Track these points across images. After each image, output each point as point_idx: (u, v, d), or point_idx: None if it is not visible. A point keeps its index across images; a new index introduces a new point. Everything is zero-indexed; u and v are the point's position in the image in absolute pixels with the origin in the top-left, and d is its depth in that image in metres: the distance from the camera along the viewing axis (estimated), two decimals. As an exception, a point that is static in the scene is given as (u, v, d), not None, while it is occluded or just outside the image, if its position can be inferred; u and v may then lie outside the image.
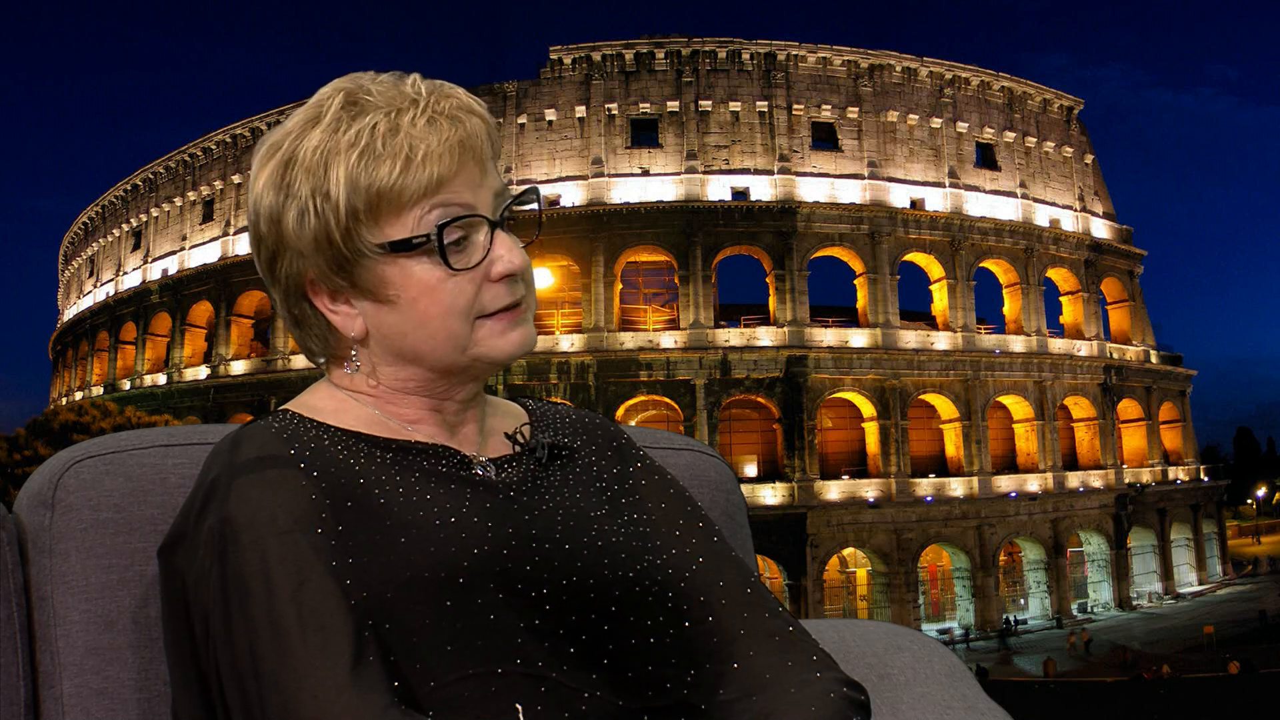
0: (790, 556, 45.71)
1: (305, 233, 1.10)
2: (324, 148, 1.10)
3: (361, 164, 1.08)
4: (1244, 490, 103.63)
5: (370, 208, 1.09)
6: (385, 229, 1.10)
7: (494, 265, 1.13)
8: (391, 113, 1.10)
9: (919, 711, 1.45)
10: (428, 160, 1.09)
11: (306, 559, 1.01)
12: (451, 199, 1.11)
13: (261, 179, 1.13)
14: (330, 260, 1.11)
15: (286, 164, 1.11)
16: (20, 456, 29.80)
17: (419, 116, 1.11)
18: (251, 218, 1.15)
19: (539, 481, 1.19)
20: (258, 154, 1.15)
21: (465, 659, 1.02)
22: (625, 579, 1.11)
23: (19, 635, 1.22)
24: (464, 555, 1.05)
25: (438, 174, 1.10)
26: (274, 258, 1.14)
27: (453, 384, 1.18)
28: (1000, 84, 55.82)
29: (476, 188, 1.13)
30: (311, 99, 1.15)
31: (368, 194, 1.08)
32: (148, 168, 63.43)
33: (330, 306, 1.14)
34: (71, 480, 1.26)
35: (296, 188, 1.10)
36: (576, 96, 51.15)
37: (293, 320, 1.18)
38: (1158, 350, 59.76)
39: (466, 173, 1.12)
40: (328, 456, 1.11)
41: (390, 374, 1.17)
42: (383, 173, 1.08)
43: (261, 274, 1.18)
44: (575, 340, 48.52)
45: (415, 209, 1.10)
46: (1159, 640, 43.62)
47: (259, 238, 1.15)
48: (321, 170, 1.09)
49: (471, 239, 1.13)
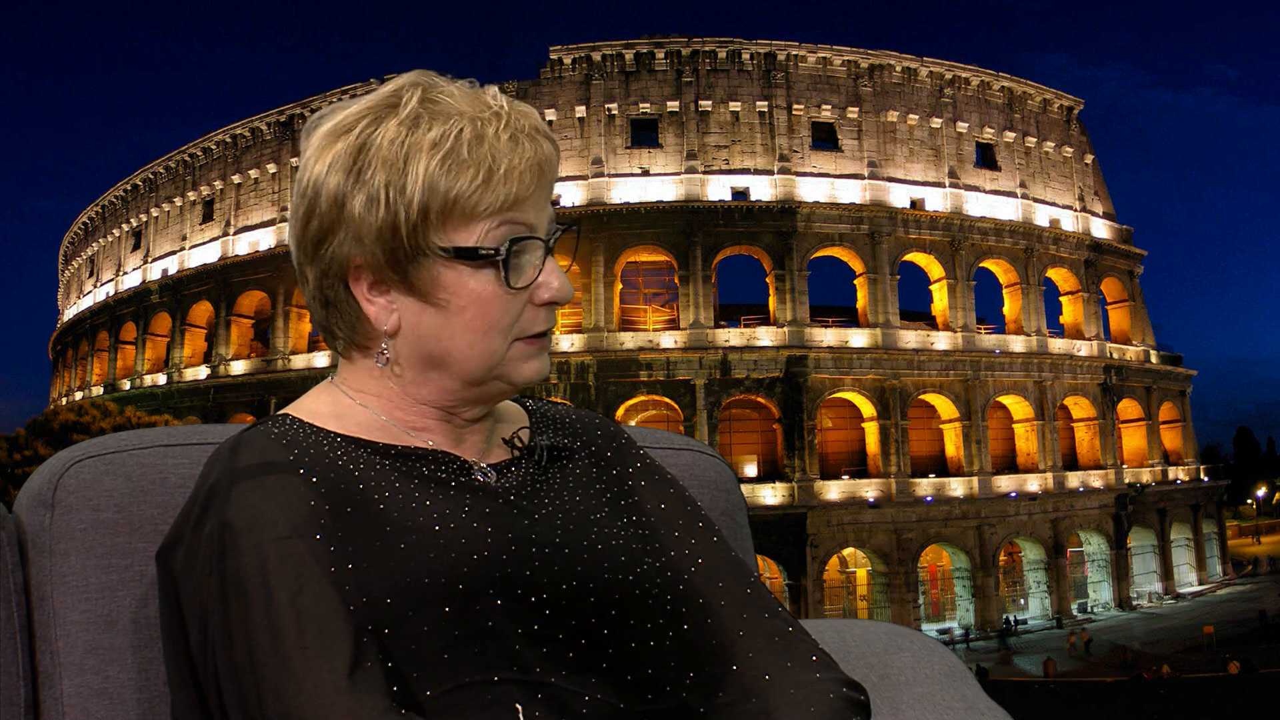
0: (790, 556, 45.71)
1: (371, 221, 1.09)
2: (404, 141, 1.09)
3: (444, 167, 1.08)
4: (1244, 490, 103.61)
5: (444, 211, 1.09)
6: (451, 234, 1.10)
7: (541, 290, 1.14)
8: (476, 121, 1.11)
9: (919, 711, 1.45)
10: (508, 177, 1.10)
11: (305, 564, 1.01)
12: (519, 218, 1.12)
13: (326, 158, 1.11)
14: (389, 252, 1.10)
15: (360, 149, 1.10)
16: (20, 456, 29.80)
17: (502, 130, 1.11)
18: (308, 194, 1.13)
19: (539, 485, 1.19)
20: (318, 131, 1.14)
21: (462, 667, 1.02)
22: (625, 582, 1.11)
23: (19, 635, 1.22)
24: (464, 561, 1.05)
25: (515, 192, 1.11)
26: (324, 237, 1.12)
27: (468, 400, 1.17)
28: (1000, 84, 55.82)
29: (540, 211, 1.14)
30: (385, 88, 1.13)
31: (445, 198, 1.09)
32: (148, 168, 63.42)
33: (368, 295, 1.13)
34: (71, 480, 1.26)
35: (370, 175, 1.09)
36: (576, 96, 51.16)
37: (323, 301, 1.16)
38: (1158, 350, 59.76)
39: (537, 195, 1.13)
40: (327, 462, 1.10)
41: (412, 373, 1.16)
42: (464, 181, 1.09)
43: (298, 249, 1.16)
44: (575, 340, 48.53)
45: (485, 221, 1.10)
46: (1159, 640, 43.62)
47: (314, 214, 1.12)
48: (400, 164, 1.09)
49: (525, 260, 1.13)
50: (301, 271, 1.17)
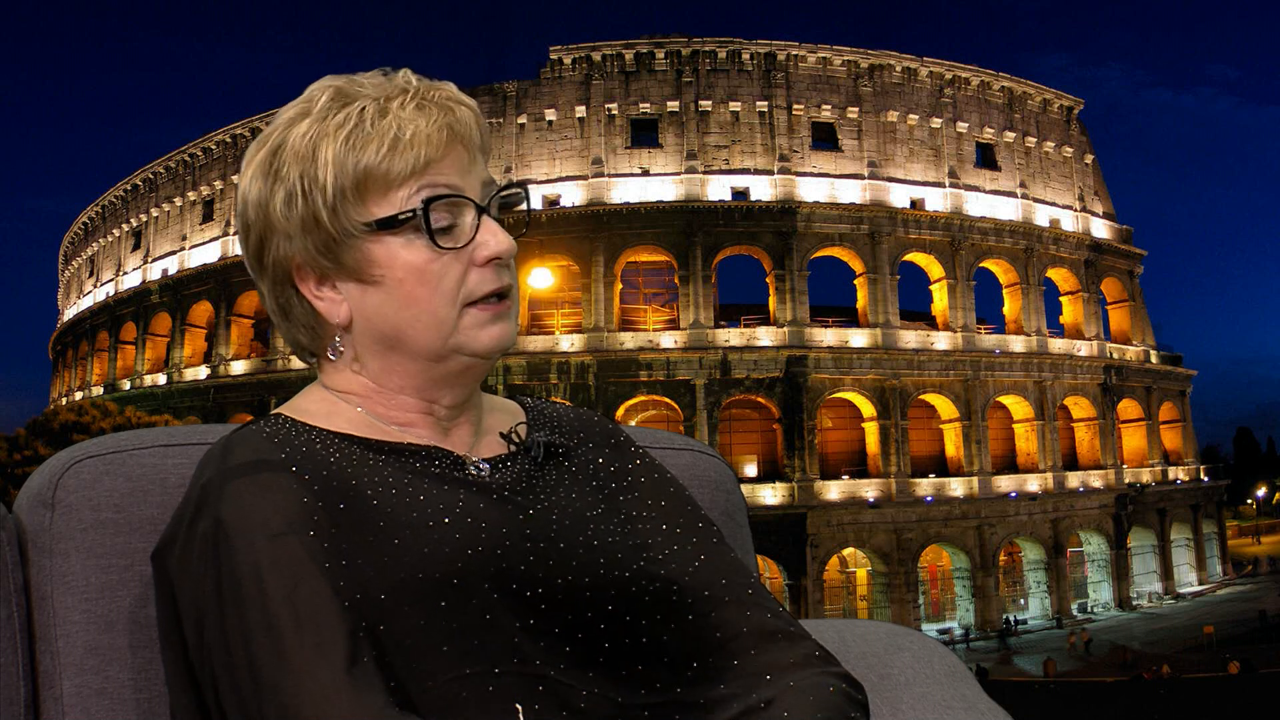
0: (790, 556, 45.70)
1: (294, 215, 1.11)
2: (312, 133, 1.11)
3: (349, 144, 1.09)
4: (1244, 490, 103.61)
5: (358, 187, 1.10)
6: (372, 209, 1.11)
7: (479, 249, 1.13)
8: (381, 99, 1.12)
9: (919, 711, 1.45)
10: (415, 141, 1.10)
11: (300, 561, 1.01)
12: (438, 180, 1.12)
13: (250, 169, 1.15)
14: (317, 242, 1.11)
15: (275, 151, 1.13)
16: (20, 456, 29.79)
17: (408, 102, 1.12)
18: (239, 208, 1.16)
19: (534, 481, 1.19)
20: (248, 150, 1.17)
21: (461, 659, 1.02)
22: (621, 578, 1.11)
23: (19, 635, 1.22)
24: (458, 556, 1.05)
25: (425, 155, 1.11)
26: (261, 245, 1.15)
27: (437, 380, 1.17)
28: (1000, 84, 55.81)
29: (465, 173, 1.14)
30: (301, 95, 1.16)
31: (355, 173, 1.09)
32: (148, 168, 63.42)
33: (315, 292, 1.14)
34: (71, 480, 1.26)
35: (285, 172, 1.11)
36: (576, 96, 51.14)
37: (280, 311, 1.18)
38: (1158, 350, 59.76)
39: (454, 156, 1.13)
40: (319, 460, 1.11)
41: (374, 363, 1.16)
42: (370, 152, 1.09)
43: (249, 266, 1.19)
44: (575, 340, 48.52)
45: (402, 189, 1.11)
46: (1159, 640, 43.62)
47: (246, 226, 1.16)
48: (310, 154, 1.10)
49: (459, 223, 1.13)
50: (259, 289, 1.19)
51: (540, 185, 49.49)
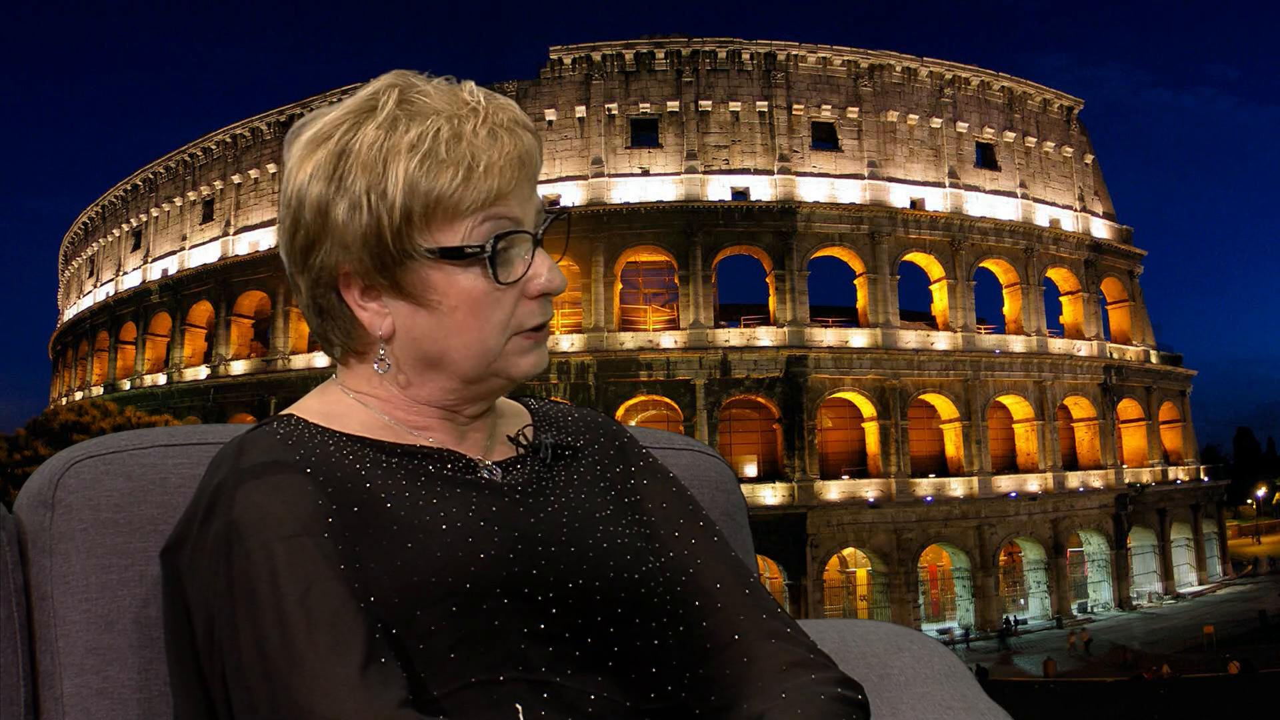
0: (790, 556, 45.70)
1: (354, 227, 1.09)
2: (382, 145, 1.09)
3: (423, 168, 1.08)
4: (1244, 490, 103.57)
5: (426, 212, 1.09)
6: (437, 234, 1.10)
7: (532, 282, 1.14)
8: (454, 119, 1.10)
9: (919, 711, 1.45)
10: (489, 173, 1.10)
11: (314, 562, 1.00)
12: (504, 213, 1.11)
13: (308, 167, 1.11)
14: (375, 257, 1.10)
15: (340, 155, 1.10)
16: (20, 456, 29.80)
17: (480, 126, 1.11)
18: (292, 204, 1.13)
19: (544, 483, 1.19)
20: (299, 139, 1.14)
21: (468, 666, 1.02)
22: (631, 580, 1.11)
23: (19, 635, 1.22)
24: (471, 560, 1.05)
25: (497, 187, 1.10)
26: (311, 246, 1.13)
27: (468, 398, 1.17)
28: (1000, 84, 55.82)
29: (525, 204, 1.14)
30: (362, 92, 1.13)
31: (426, 199, 1.08)
32: (148, 168, 63.42)
33: (360, 302, 1.13)
34: (71, 480, 1.26)
35: (350, 181, 1.09)
36: (576, 96, 51.14)
37: (317, 309, 1.16)
38: (1158, 350, 59.76)
39: (520, 189, 1.13)
40: (333, 461, 1.10)
41: (411, 376, 1.16)
42: (444, 180, 1.08)
43: (289, 259, 1.16)
44: (575, 340, 48.52)
45: (469, 219, 1.10)
46: (1159, 640, 43.62)
47: (299, 224, 1.13)
48: (380, 168, 1.08)
49: (514, 254, 1.13)
50: (294, 281, 1.17)
51: (540, 185, 48.96)
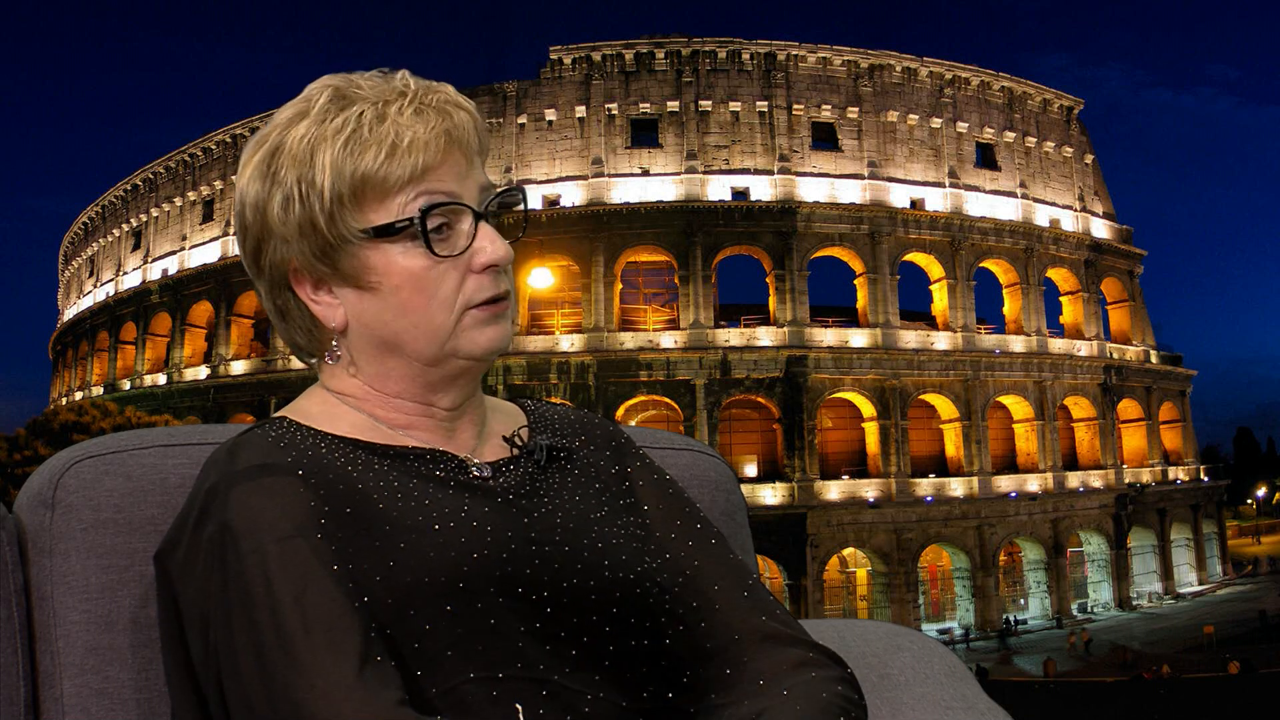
0: (790, 556, 45.70)
1: (290, 219, 1.10)
2: (310, 136, 1.10)
3: (347, 150, 1.09)
4: (1244, 490, 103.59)
5: (355, 193, 1.09)
6: (369, 215, 1.10)
7: (476, 255, 1.13)
8: (379, 103, 1.11)
9: (919, 711, 1.45)
10: (413, 148, 1.10)
11: (308, 563, 1.00)
12: (436, 187, 1.11)
13: (248, 170, 1.14)
14: (314, 246, 1.11)
15: (273, 153, 1.12)
16: (20, 456, 29.77)
17: (406, 106, 1.12)
18: (237, 209, 1.16)
19: (538, 484, 1.18)
20: (246, 149, 1.16)
21: (466, 663, 1.02)
22: (626, 581, 1.11)
23: (19, 635, 1.22)
24: (464, 560, 1.05)
25: (423, 161, 1.10)
26: (259, 247, 1.14)
27: (434, 384, 1.17)
28: (1000, 84, 55.81)
29: (462, 179, 1.14)
30: (300, 95, 1.15)
31: (352, 179, 1.09)
32: (148, 168, 63.41)
33: (312, 296, 1.14)
34: (71, 480, 1.26)
35: (282, 175, 1.11)
36: (576, 96, 51.14)
37: (277, 312, 1.18)
38: (1158, 350, 59.76)
39: (452, 162, 1.13)
40: (325, 463, 1.10)
41: (371, 367, 1.16)
42: (368, 158, 1.09)
43: (247, 267, 1.18)
44: (575, 340, 48.52)
45: (400, 196, 1.10)
46: (1159, 640, 43.62)
47: (244, 227, 1.15)
48: (308, 157, 1.10)
49: (455, 228, 1.13)
50: (256, 288, 1.19)
51: (540, 185, 49.49)
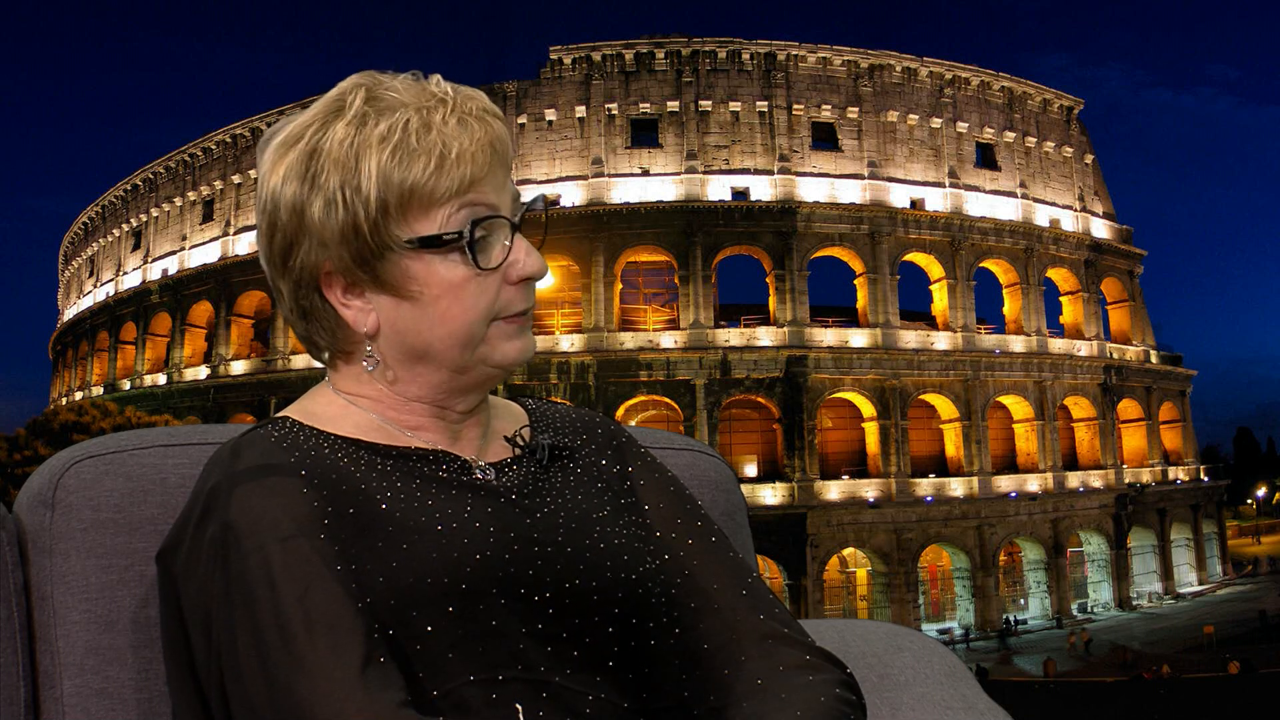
0: (790, 556, 45.70)
1: (331, 224, 1.09)
2: (353, 141, 1.09)
3: (395, 159, 1.08)
4: (1244, 490, 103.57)
5: (402, 203, 1.09)
6: (414, 225, 1.10)
7: (513, 268, 1.14)
8: (422, 110, 1.11)
9: (919, 712, 1.45)
10: (461, 160, 1.10)
11: (311, 563, 1.00)
12: (479, 199, 1.11)
13: (280, 170, 1.12)
14: (354, 253, 1.10)
15: (311, 155, 1.10)
16: (20, 456, 29.79)
17: (449, 115, 1.11)
18: (268, 207, 1.13)
19: (540, 484, 1.19)
20: (271, 145, 1.14)
21: (467, 665, 1.02)
22: (629, 581, 1.11)
23: (19, 635, 1.22)
24: (467, 561, 1.05)
25: (470, 174, 1.10)
26: (290, 248, 1.13)
27: (456, 390, 1.17)
28: (1000, 84, 55.82)
29: (501, 190, 1.14)
30: (329, 94, 1.14)
31: (400, 189, 1.08)
32: (148, 168, 63.41)
33: (343, 300, 1.13)
34: (71, 480, 1.26)
35: (324, 179, 1.09)
36: (576, 96, 51.14)
37: (300, 312, 1.16)
38: (1158, 350, 59.76)
39: (493, 174, 1.13)
40: (328, 464, 1.10)
41: (399, 371, 1.16)
42: (417, 169, 1.08)
43: (269, 265, 1.16)
44: (575, 340, 48.52)
45: (445, 207, 1.10)
46: (1159, 640, 43.62)
47: (276, 227, 1.13)
48: (352, 163, 1.09)
49: (493, 240, 1.13)
50: (276, 286, 1.17)
51: (540, 185, 49.47)
